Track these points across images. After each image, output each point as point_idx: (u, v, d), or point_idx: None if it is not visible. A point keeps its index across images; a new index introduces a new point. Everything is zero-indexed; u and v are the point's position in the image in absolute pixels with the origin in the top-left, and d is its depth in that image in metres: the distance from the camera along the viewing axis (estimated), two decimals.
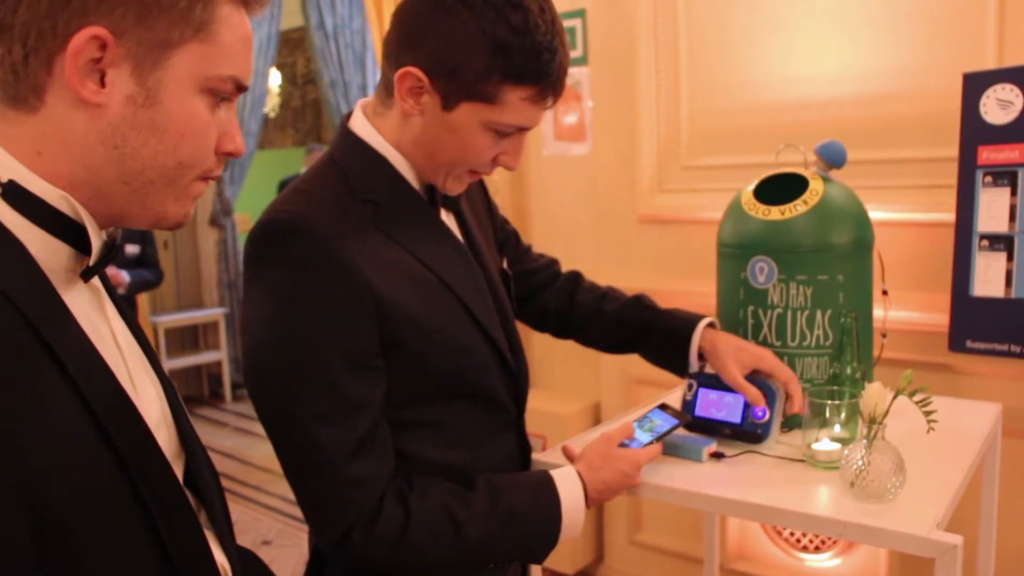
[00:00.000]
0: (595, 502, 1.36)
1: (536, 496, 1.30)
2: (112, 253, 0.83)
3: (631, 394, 2.91)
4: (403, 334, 1.20)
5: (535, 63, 1.17)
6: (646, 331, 1.61)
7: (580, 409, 3.16)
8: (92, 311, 0.84)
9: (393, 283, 1.20)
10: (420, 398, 1.27)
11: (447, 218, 1.37)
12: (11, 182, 0.76)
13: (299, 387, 1.16)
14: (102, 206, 0.81)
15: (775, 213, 1.65)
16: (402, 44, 1.21)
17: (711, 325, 1.60)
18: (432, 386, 1.27)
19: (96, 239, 0.81)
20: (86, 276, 0.82)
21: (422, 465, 1.27)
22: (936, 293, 2.26)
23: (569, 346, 3.32)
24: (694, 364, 1.58)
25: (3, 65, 0.76)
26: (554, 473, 1.33)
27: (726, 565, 2.81)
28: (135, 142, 0.79)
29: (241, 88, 0.85)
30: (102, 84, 0.77)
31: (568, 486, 1.32)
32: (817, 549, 2.70)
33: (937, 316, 2.24)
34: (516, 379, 1.38)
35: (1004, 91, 2.08)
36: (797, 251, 1.62)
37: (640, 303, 1.64)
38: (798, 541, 2.71)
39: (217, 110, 0.85)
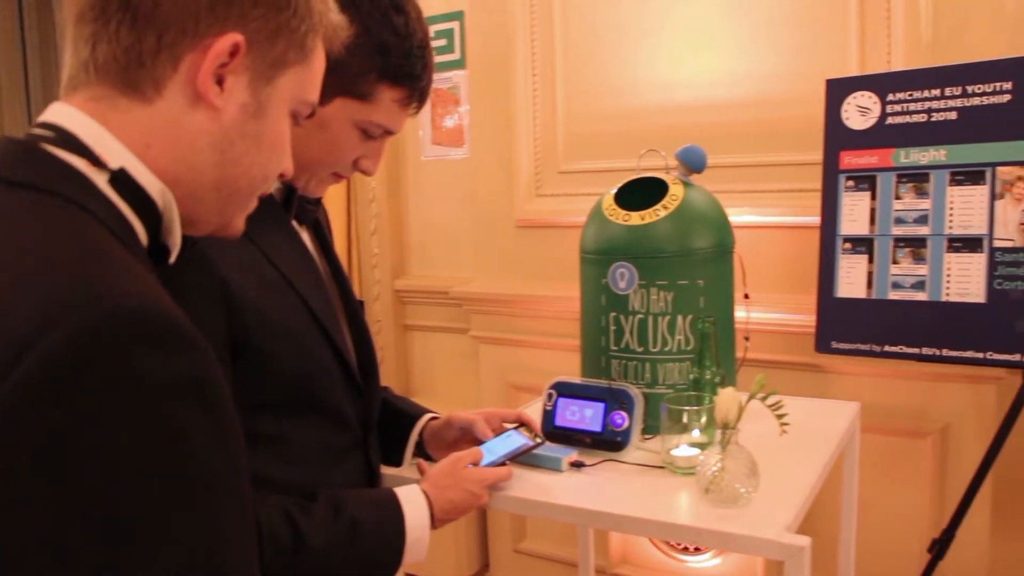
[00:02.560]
0: (441, 522, 1.32)
1: (379, 511, 1.26)
2: (191, 247, 0.87)
3: (512, 400, 2.89)
4: (251, 332, 1.15)
5: (411, 66, 1.23)
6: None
7: None
8: None
9: (244, 278, 1.16)
10: (263, 407, 1.21)
11: (300, 231, 1.34)
12: (122, 170, 0.77)
13: None
14: (185, 208, 0.83)
15: (635, 218, 1.64)
16: None
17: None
18: (276, 393, 1.21)
19: (178, 235, 0.83)
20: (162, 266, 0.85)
21: (261, 483, 1.21)
22: (805, 295, 2.31)
23: (449, 354, 3.32)
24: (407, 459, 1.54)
25: (129, 53, 0.77)
26: (398, 490, 1.30)
27: (609, 570, 2.82)
28: (239, 149, 0.83)
29: (310, 116, 0.92)
30: (219, 88, 0.80)
31: (413, 504, 1.28)
32: (697, 550, 2.72)
33: (806, 317, 2.29)
34: (363, 397, 1.34)
35: (863, 98, 2.14)
36: (657, 256, 1.62)
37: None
38: (679, 543, 2.73)
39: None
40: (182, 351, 0.65)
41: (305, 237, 1.35)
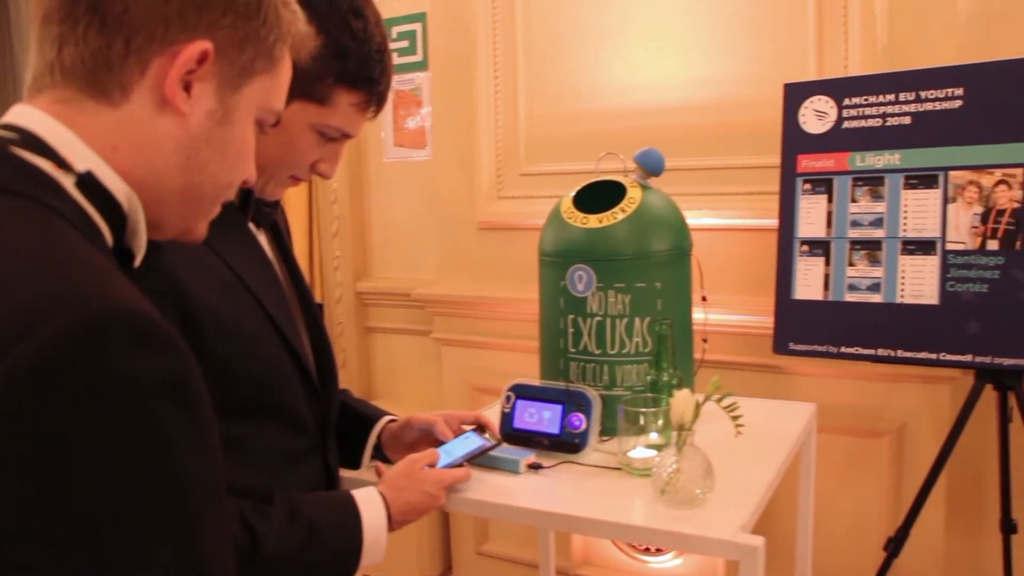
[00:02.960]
0: (399, 524, 1.32)
1: (336, 514, 1.26)
2: (156, 252, 0.87)
3: (474, 402, 2.89)
4: (207, 336, 1.14)
5: (369, 71, 1.24)
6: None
7: None
8: None
9: (199, 282, 1.15)
10: (219, 411, 1.19)
11: (257, 234, 1.33)
12: (89, 173, 0.77)
13: None
14: (149, 212, 0.83)
15: (593, 221, 1.65)
16: None
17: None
18: (232, 396, 1.20)
19: (144, 239, 0.83)
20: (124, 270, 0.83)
21: None
22: (763, 297, 2.33)
23: (411, 356, 3.31)
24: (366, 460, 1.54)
25: (97, 56, 0.77)
26: (355, 492, 1.29)
27: (571, 571, 2.83)
28: (205, 155, 0.83)
29: (275, 124, 0.92)
30: (187, 95, 0.80)
31: (370, 505, 1.28)
32: (659, 551, 2.74)
33: (764, 319, 2.31)
34: (321, 401, 1.34)
35: (820, 102, 2.16)
36: (615, 259, 1.62)
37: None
38: (639, 544, 2.75)
39: None
40: (163, 351, 0.65)
41: (263, 240, 1.34)
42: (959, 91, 1.96)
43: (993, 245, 1.93)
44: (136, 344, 0.63)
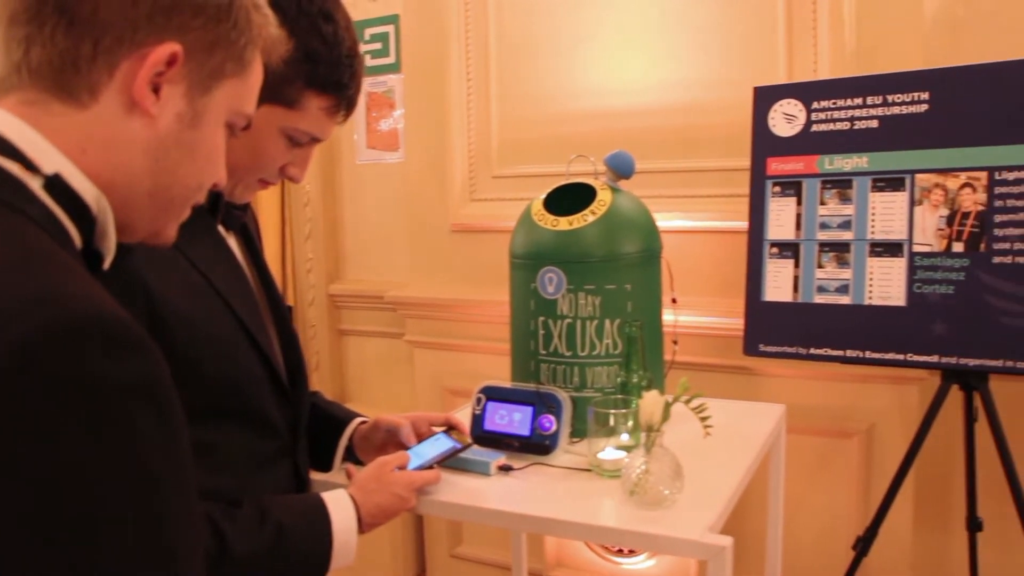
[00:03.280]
0: (370, 527, 1.32)
1: (306, 516, 1.26)
2: (126, 255, 0.86)
3: (447, 404, 2.88)
4: (176, 339, 1.14)
5: (339, 75, 1.24)
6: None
7: None
8: None
9: (168, 285, 1.15)
10: (189, 414, 1.18)
11: (227, 237, 1.33)
12: (57, 175, 0.76)
13: None
14: (118, 214, 0.82)
15: (563, 224, 1.66)
16: None
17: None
18: (202, 400, 1.19)
19: (113, 241, 0.83)
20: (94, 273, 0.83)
21: None
22: (733, 298, 2.35)
23: (384, 358, 3.31)
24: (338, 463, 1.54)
25: (64, 57, 0.76)
26: (325, 495, 1.29)
27: (545, 573, 2.83)
28: (174, 158, 0.82)
29: (246, 128, 0.92)
30: (155, 97, 0.80)
31: (339, 507, 1.28)
32: (632, 552, 2.75)
33: (734, 321, 2.33)
34: (292, 404, 1.33)
35: (789, 106, 2.18)
36: (585, 261, 1.63)
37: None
38: (612, 545, 2.75)
39: None
40: (133, 353, 0.66)
41: (232, 243, 1.34)
42: (925, 95, 1.99)
43: (959, 247, 1.95)
44: (107, 347, 0.63)
